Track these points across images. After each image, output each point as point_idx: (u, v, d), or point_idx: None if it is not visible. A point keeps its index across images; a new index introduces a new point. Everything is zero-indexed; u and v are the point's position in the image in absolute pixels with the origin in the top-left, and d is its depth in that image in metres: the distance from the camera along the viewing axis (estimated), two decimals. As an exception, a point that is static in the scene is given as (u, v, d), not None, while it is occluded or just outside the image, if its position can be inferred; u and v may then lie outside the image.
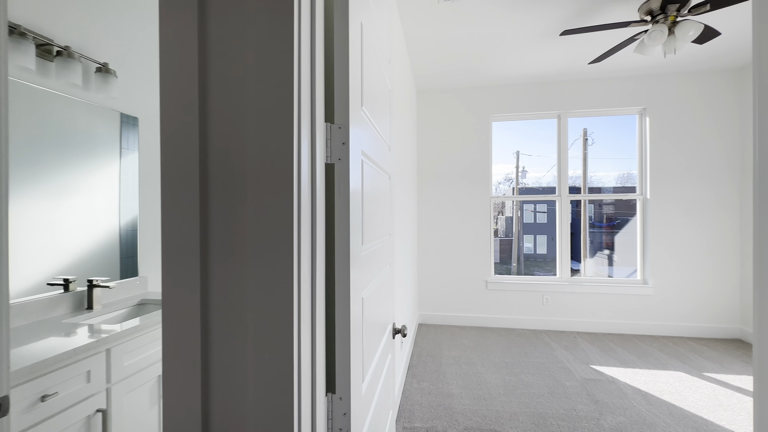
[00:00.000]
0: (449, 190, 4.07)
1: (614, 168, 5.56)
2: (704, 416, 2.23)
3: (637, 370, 2.86)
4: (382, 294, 1.20)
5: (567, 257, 3.94)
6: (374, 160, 1.03)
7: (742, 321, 3.54)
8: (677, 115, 3.67)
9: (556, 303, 3.88)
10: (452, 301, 4.06)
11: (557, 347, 3.36)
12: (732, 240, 3.58)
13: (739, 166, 3.57)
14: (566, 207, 3.94)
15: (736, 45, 3.07)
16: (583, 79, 3.81)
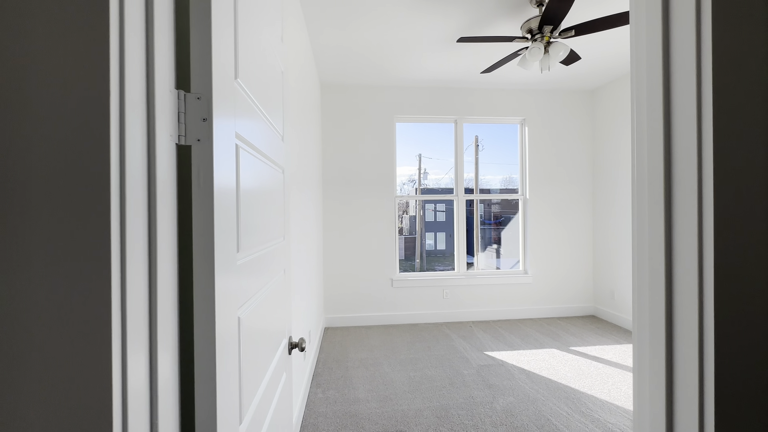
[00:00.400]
0: (355, 189, 4.01)
1: (500, 172, 6.30)
2: (572, 386, 2.59)
3: (521, 352, 3.20)
4: (273, 306, 1.03)
5: (463, 253, 4.23)
6: (258, 149, 0.86)
7: (595, 300, 4.29)
8: (548, 126, 4.25)
9: (454, 296, 4.14)
10: (359, 302, 4.01)
11: (456, 338, 3.58)
12: (587, 233, 4.31)
13: (591, 171, 4.31)
14: (462, 206, 4.24)
15: (589, 71, 3.67)
16: (476, 88, 4.14)
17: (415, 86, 4.05)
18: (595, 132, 4.24)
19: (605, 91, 4.07)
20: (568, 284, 4.28)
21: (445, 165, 6.99)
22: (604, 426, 2.11)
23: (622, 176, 3.83)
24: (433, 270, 15.78)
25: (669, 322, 0.55)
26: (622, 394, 2.46)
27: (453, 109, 4.14)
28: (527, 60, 2.45)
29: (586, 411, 2.26)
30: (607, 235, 4.07)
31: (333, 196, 3.99)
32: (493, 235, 11.60)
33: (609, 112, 4.02)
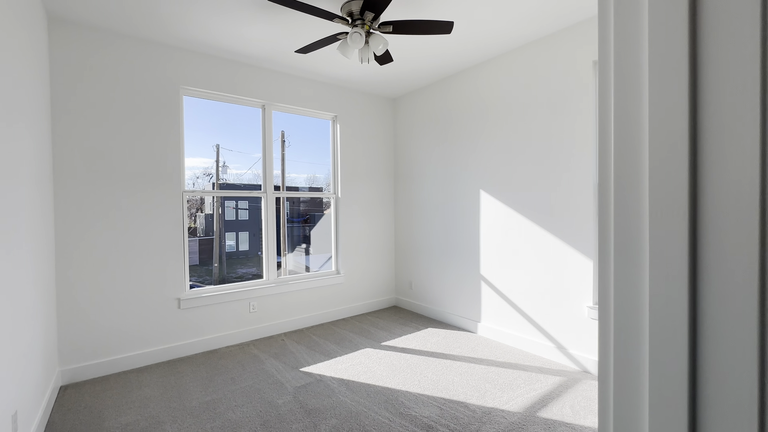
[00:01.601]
0: (117, 183, 2.84)
1: (305, 170, 6.11)
2: (389, 385, 2.59)
3: (338, 359, 3.04)
4: None
5: (273, 258, 3.74)
6: None
7: (396, 291, 4.68)
8: (359, 127, 4.31)
9: (263, 308, 3.59)
10: (126, 337, 2.88)
11: (267, 358, 3.07)
12: (389, 230, 4.65)
13: (393, 173, 4.67)
14: (272, 204, 3.74)
15: (394, 78, 3.91)
16: (289, 73, 3.71)
17: (212, 55, 3.24)
18: (396, 138, 4.61)
19: (404, 101, 4.46)
20: (375, 279, 4.49)
21: (248, 159, 6.19)
22: (420, 422, 2.15)
23: (417, 180, 4.29)
24: (236, 273, 14.23)
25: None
26: (429, 381, 2.64)
27: (261, 92, 3.56)
28: (348, 46, 2.24)
29: (404, 411, 2.27)
30: (406, 231, 4.50)
31: (77, 189, 2.68)
32: (301, 233, 11.45)
33: (407, 121, 4.43)
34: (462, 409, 2.29)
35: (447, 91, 3.87)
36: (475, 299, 3.63)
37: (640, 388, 0.35)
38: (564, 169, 2.88)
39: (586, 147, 2.75)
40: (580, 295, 2.80)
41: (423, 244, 4.24)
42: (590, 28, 2.69)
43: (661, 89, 0.33)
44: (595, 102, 2.72)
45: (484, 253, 3.52)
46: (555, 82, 2.92)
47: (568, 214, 2.87)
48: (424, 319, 4.09)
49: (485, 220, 3.51)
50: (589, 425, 2.10)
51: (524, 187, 3.16)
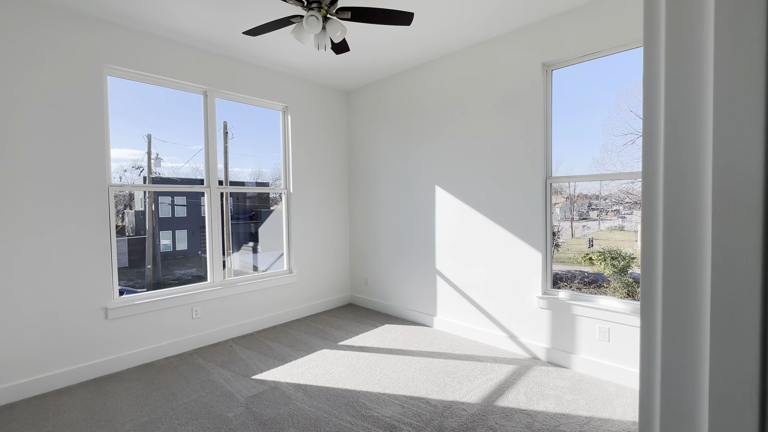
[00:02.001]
0: (29, 175, 2.40)
1: (249, 164, 5.72)
2: (349, 387, 2.51)
3: (294, 363, 2.89)
4: None
5: (218, 258, 3.46)
6: None
7: (351, 289, 4.59)
8: (311, 119, 4.12)
9: (208, 313, 3.31)
10: (40, 356, 2.46)
11: (214, 367, 2.82)
12: (344, 226, 4.53)
13: (347, 168, 4.55)
14: (216, 201, 3.44)
15: (349, 70, 3.78)
16: (234, 57, 3.41)
17: (145, 31, 2.86)
18: (351, 131, 4.50)
19: (359, 94, 4.36)
20: (330, 277, 4.36)
21: (185, 151, 5.72)
22: (382, 423, 2.10)
23: (373, 175, 4.23)
24: (173, 275, 13.11)
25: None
26: (390, 379, 2.60)
27: (203, 77, 3.24)
28: (304, 30, 2.09)
29: (365, 412, 2.21)
30: (361, 227, 4.42)
31: None
32: (247, 230, 10.82)
33: (361, 114, 4.33)
34: (423, 405, 2.28)
35: (403, 85, 3.84)
36: (431, 294, 3.67)
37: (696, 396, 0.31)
38: (515, 166, 2.99)
39: (535, 145, 2.87)
40: (530, 287, 2.94)
41: (379, 239, 4.19)
42: (541, 31, 2.81)
43: (731, 78, 0.29)
44: (544, 102, 2.85)
45: (440, 248, 3.57)
46: (507, 81, 3.02)
47: (519, 209, 2.99)
48: (380, 315, 4.05)
49: (440, 215, 3.55)
50: (541, 410, 2.21)
51: (478, 182, 3.24)
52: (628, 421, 2.09)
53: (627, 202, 5.98)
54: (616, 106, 3.42)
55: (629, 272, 5.41)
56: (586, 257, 5.53)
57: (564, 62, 2.79)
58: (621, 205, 5.92)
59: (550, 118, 2.90)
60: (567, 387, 2.47)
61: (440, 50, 3.33)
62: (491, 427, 2.06)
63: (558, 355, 2.79)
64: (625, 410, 2.19)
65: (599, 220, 6.26)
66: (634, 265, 5.36)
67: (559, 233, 6.30)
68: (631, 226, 5.71)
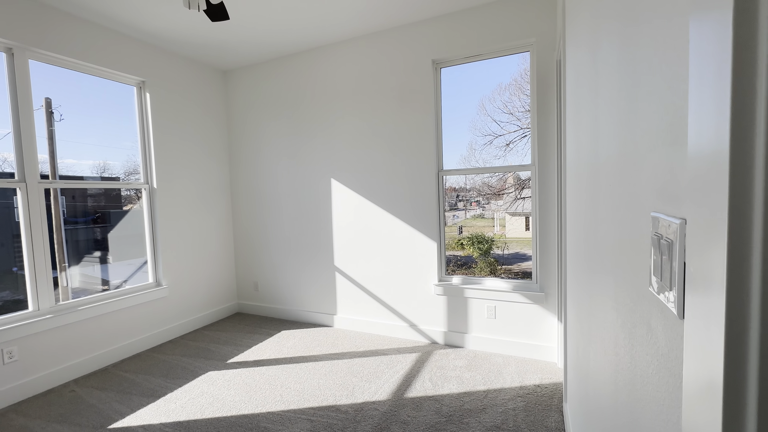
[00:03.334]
0: None
1: (90, 155, 4.43)
2: (244, 412, 2.17)
3: (170, 396, 2.36)
4: None
5: (47, 276, 2.58)
6: None
7: (238, 296, 4.07)
8: (178, 100, 3.43)
9: (31, 353, 2.44)
10: None
11: (46, 425, 2.08)
12: (226, 226, 3.97)
13: (228, 159, 3.98)
14: (37, 199, 2.55)
15: (228, 45, 3.27)
16: (64, 10, 2.55)
17: None
18: (231, 117, 3.94)
19: (240, 74, 3.83)
20: (211, 286, 3.76)
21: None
22: (291, 445, 1.87)
23: (260, 166, 3.79)
24: (-30, 304, 9.74)
25: None
26: (294, 392, 2.36)
27: (8, 28, 2.33)
28: (167, -20, 1.64)
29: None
30: (248, 226, 3.94)
31: None
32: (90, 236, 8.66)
33: (244, 98, 3.83)
34: (334, 413, 2.13)
35: (292, 70, 3.52)
36: (330, 292, 3.51)
37: None
38: (411, 159, 3.05)
39: (428, 138, 2.97)
40: (427, 275, 3.06)
41: (269, 238, 3.80)
42: (431, 28, 2.90)
43: None
44: (435, 98, 2.97)
45: (338, 243, 3.43)
46: (400, 74, 3.04)
47: (414, 200, 3.07)
48: (275, 321, 3.70)
49: (338, 209, 3.40)
50: (446, 392, 2.30)
51: (375, 175, 3.20)
52: (515, 387, 2.34)
53: (487, 193, 6.92)
54: (478, 110, 3.84)
55: (491, 253, 6.30)
56: (458, 242, 6.18)
57: (451, 61, 2.95)
58: (482, 197, 6.82)
59: (440, 114, 3.04)
60: (464, 366, 2.64)
61: (330, 37, 3.15)
62: (404, 421, 2.04)
63: (454, 337, 2.98)
64: (512, 378, 2.45)
65: (465, 210, 7.09)
66: (495, 247, 6.27)
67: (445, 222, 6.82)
68: (489, 214, 6.68)
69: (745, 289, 0.27)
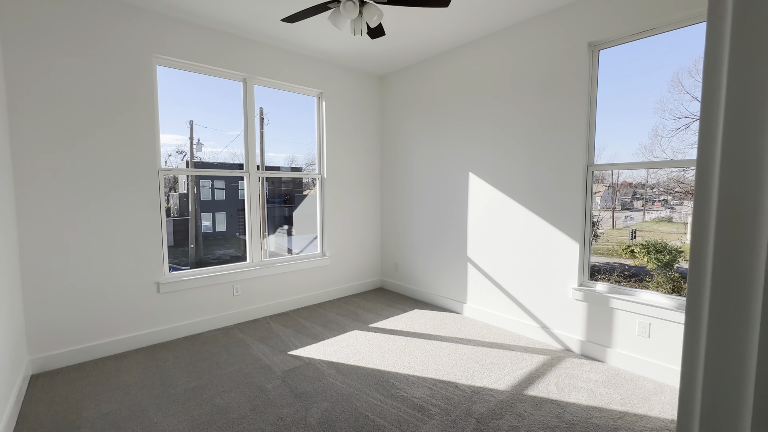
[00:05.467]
0: (90, 160, 2.62)
1: (283, 150, 5.82)
2: (378, 367, 2.59)
3: (327, 342, 3.01)
4: None
5: (257, 239, 3.62)
6: None
7: (382, 273, 4.67)
8: (344, 105, 4.15)
9: (247, 291, 3.50)
10: (102, 323, 2.73)
11: (253, 342, 3.01)
12: (375, 212, 4.58)
13: (379, 153, 4.56)
14: (255, 185, 3.58)
15: (383, 55, 3.75)
16: (271, 44, 3.49)
17: (187, 20, 2.98)
18: (384, 116, 4.49)
19: (392, 78, 4.32)
20: (361, 261, 4.45)
21: (224, 137, 5.94)
22: (411, 403, 2.16)
23: (405, 160, 4.22)
24: (213, 255, 13.88)
25: None
26: (419, 362, 2.66)
27: (242, 65, 3.35)
28: (341, 15, 2.09)
29: (395, 392, 2.28)
30: (393, 213, 4.45)
31: (38, 176, 2.46)
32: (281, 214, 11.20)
33: (394, 99, 4.30)
34: (452, 389, 2.32)
35: (438, 68, 3.77)
36: (461, 281, 3.67)
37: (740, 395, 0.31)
38: (554, 152, 2.88)
39: (577, 129, 2.74)
40: (565, 277, 2.86)
41: (410, 225, 4.21)
42: (587, 8, 2.64)
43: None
44: (589, 85, 2.70)
45: (472, 235, 3.53)
46: (547, 63, 2.88)
47: (556, 196, 2.89)
48: (410, 300, 4.11)
49: (473, 202, 3.50)
50: (573, 401, 2.18)
51: (514, 169, 3.15)
52: (666, 419, 2.02)
53: (677, 191, 5.45)
54: (669, 87, 3.14)
55: (675, 267, 5.00)
56: (628, 249, 5.21)
57: (612, 41, 2.62)
58: (670, 195, 5.43)
59: (594, 102, 2.75)
60: (601, 380, 2.41)
61: (477, 32, 3.22)
62: (520, 414, 2.07)
63: (592, 348, 2.72)
64: (663, 407, 2.11)
65: (644, 210, 5.82)
66: (682, 259, 4.92)
67: (599, 223, 5.98)
68: (681, 218, 5.23)
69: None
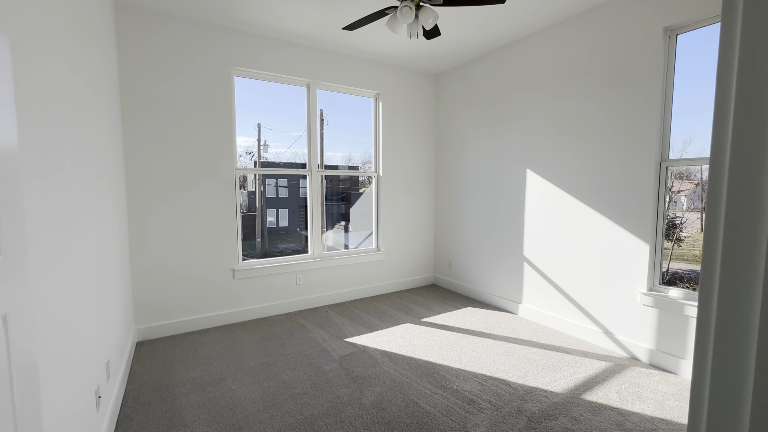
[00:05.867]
0: (179, 157, 3.04)
1: (340, 149, 6.13)
2: (430, 359, 2.67)
3: (380, 332, 3.16)
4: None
5: (318, 233, 3.89)
6: None
7: (435, 270, 4.72)
8: (400, 104, 4.26)
9: (308, 281, 3.78)
10: (188, 303, 3.16)
11: (313, 327, 3.26)
12: (429, 209, 4.64)
13: (434, 151, 4.60)
14: (317, 182, 3.85)
15: (438, 53, 3.79)
16: (332, 51, 3.71)
17: (259, 34, 3.30)
18: (439, 114, 4.52)
19: (448, 76, 4.33)
20: (414, 257, 4.54)
21: (286, 138, 6.39)
22: (462, 395, 2.21)
23: (460, 157, 4.21)
24: (276, 248, 14.93)
25: None
26: (470, 358, 2.69)
27: (306, 71, 3.61)
28: (397, 21, 2.20)
29: (445, 384, 2.34)
30: (446, 210, 4.47)
31: (142, 165, 2.92)
32: (338, 211, 11.73)
33: (450, 96, 4.31)
34: (503, 386, 2.32)
35: (495, 64, 3.71)
36: (516, 280, 3.59)
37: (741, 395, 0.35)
38: (623, 147, 2.71)
39: (649, 123, 2.55)
40: (633, 281, 2.68)
41: (464, 223, 4.20)
42: (662, -10, 2.44)
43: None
44: (664, 73, 2.50)
45: (529, 233, 3.44)
46: (615, 51, 2.71)
47: (623, 195, 2.71)
48: (462, 298, 4.11)
49: (531, 199, 3.40)
50: (636, 411, 2.06)
51: (576, 165, 3.01)
52: (748, 439, 1.83)
53: None
54: None
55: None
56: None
57: (692, 25, 2.39)
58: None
59: (671, 92, 2.53)
60: (672, 393, 2.24)
61: (537, 24, 3.12)
62: (575, 417, 2.01)
63: (663, 359, 2.52)
64: (745, 427, 1.91)
65: None
66: None
67: (683, 226, 5.44)
68: None
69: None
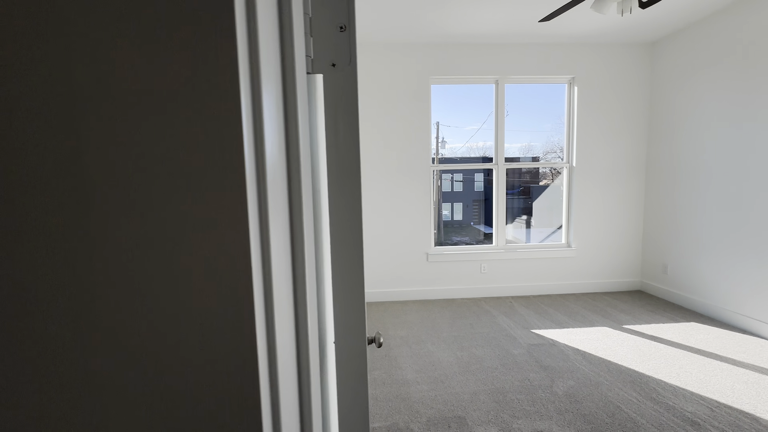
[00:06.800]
0: (389, 160, 3.75)
1: (520, 140, 5.81)
2: (635, 368, 2.40)
3: (571, 330, 3.02)
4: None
5: (503, 225, 3.99)
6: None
7: (642, 275, 4.03)
8: (599, 86, 3.83)
9: (492, 270, 3.94)
10: (394, 277, 3.87)
11: (498, 314, 3.41)
12: (637, 202, 3.98)
13: (646, 134, 3.91)
14: (502, 176, 3.95)
15: (651, 20, 3.21)
16: (521, 43, 3.72)
17: (453, 43, 3.66)
18: (653, 90, 3.80)
19: (668, 42, 3.58)
20: (614, 258, 4.02)
21: (462, 133, 6.59)
22: (682, 415, 1.93)
23: (685, 139, 3.44)
24: (451, 240, 15.63)
25: None
26: (695, 379, 2.27)
27: (494, 68, 3.75)
28: (605, 2, 2.07)
29: (657, 397, 2.09)
30: (661, 204, 3.74)
31: (369, 169, 3.75)
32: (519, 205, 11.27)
33: (671, 66, 3.56)
34: (746, 419, 1.88)
35: (738, 18, 2.86)
36: (777, 297, 2.71)
37: None
38: None
39: None
40: None
41: (687, 218, 3.43)
42: None
43: None
44: None
45: (803, 236, 2.53)
46: None
47: None
48: (682, 310, 3.39)
49: (810, 190, 2.49)
50: None
51: None
52: None
53: None
54: None
55: None
56: None
57: None
58: None
59: None
60: None
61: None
62: None
63: None
64: None
65: None
66: None
67: None
68: None
69: None
